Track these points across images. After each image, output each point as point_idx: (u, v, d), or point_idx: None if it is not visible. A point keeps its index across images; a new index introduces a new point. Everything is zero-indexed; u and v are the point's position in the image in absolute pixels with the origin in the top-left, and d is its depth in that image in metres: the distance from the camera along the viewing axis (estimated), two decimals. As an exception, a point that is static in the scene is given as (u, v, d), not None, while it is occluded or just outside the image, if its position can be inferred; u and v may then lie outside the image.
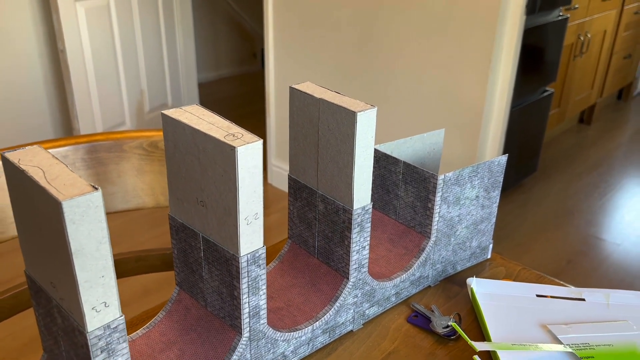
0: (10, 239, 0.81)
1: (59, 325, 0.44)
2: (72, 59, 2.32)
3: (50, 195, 0.37)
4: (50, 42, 2.51)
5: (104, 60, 2.49)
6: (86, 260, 0.38)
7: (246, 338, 0.53)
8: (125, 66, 2.60)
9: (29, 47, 2.45)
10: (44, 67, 2.53)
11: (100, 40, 2.44)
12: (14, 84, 2.44)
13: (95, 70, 2.45)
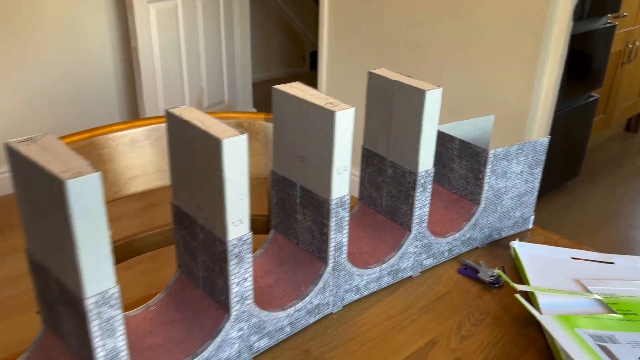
0: (122, 197, 0.97)
1: (199, 241, 0.59)
2: (143, 57, 2.53)
3: (211, 136, 0.51)
4: (123, 41, 2.73)
5: (170, 59, 2.70)
6: (232, 186, 0.52)
7: (330, 268, 0.67)
8: (188, 64, 2.80)
9: (102, 45, 2.68)
10: (115, 63, 2.75)
11: (167, 39, 2.65)
12: (87, 78, 2.67)
13: (162, 67, 2.65)
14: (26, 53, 2.41)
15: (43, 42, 2.45)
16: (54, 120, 2.59)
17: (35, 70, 2.46)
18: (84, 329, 0.48)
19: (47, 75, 2.51)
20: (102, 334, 0.48)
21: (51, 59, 2.50)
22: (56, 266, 0.48)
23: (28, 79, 2.45)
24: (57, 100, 2.58)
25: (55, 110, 2.59)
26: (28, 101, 2.48)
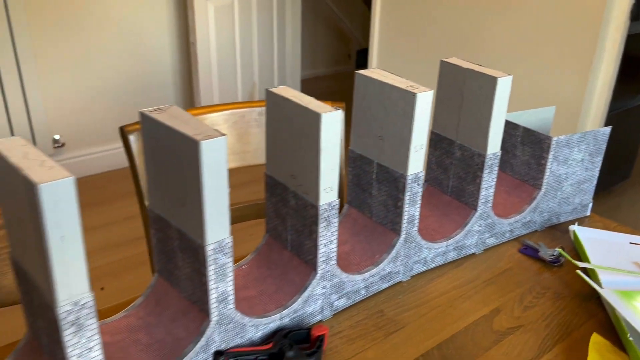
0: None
1: (290, 207, 0.66)
2: (200, 51, 2.64)
3: (311, 111, 0.58)
4: (181, 37, 2.86)
5: (225, 54, 2.81)
6: (326, 156, 0.59)
7: (403, 239, 0.73)
8: (242, 59, 2.91)
9: (162, 41, 2.81)
10: (173, 58, 2.88)
11: (224, 35, 2.75)
12: (146, 72, 2.81)
13: (218, 62, 2.76)
14: (92, 48, 2.56)
15: (107, 38, 2.59)
16: (116, 111, 2.73)
17: (99, 64, 2.61)
18: (200, 273, 0.55)
19: (110, 68, 2.66)
20: (216, 278, 0.55)
21: (114, 54, 2.64)
22: (178, 218, 0.56)
23: (93, 72, 2.60)
24: (119, 92, 2.72)
25: (117, 101, 2.73)
26: (92, 93, 2.63)
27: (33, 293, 0.48)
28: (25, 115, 2.42)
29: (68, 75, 2.53)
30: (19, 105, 2.37)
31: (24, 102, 2.40)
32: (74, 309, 0.45)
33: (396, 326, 0.68)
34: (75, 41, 2.50)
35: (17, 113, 2.38)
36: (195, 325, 0.58)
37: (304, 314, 0.66)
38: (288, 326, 0.64)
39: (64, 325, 0.45)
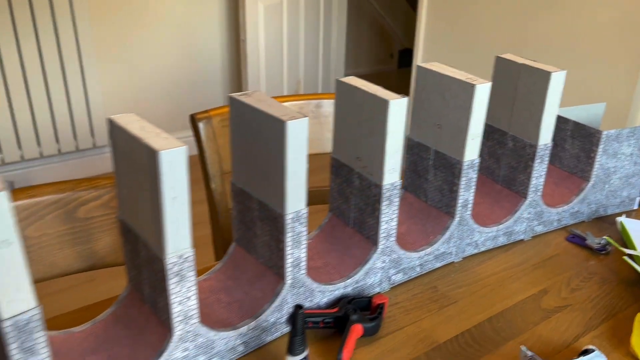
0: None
1: (354, 187, 0.72)
2: (250, 48, 2.74)
3: (379, 98, 0.64)
4: (231, 34, 2.96)
5: (273, 51, 2.89)
6: (392, 139, 0.65)
7: (457, 222, 0.78)
8: (288, 57, 2.99)
9: (212, 38, 2.91)
10: (222, 54, 2.99)
11: (272, 33, 2.84)
12: (197, 67, 2.92)
13: (265, 58, 2.85)
14: (148, 44, 2.68)
15: (163, 35, 2.72)
16: (168, 103, 2.86)
17: (154, 59, 2.73)
18: (278, 240, 0.62)
19: (164, 63, 2.78)
20: (292, 244, 0.62)
21: (169, 50, 2.76)
22: (260, 191, 0.63)
23: (148, 66, 2.73)
24: (171, 86, 2.85)
25: (169, 94, 2.85)
26: (147, 86, 2.76)
27: (140, 248, 0.56)
28: (84, 106, 2.56)
29: (125, 68, 2.67)
30: (79, 95, 2.52)
31: (84, 93, 2.54)
32: (178, 261, 0.53)
33: (449, 301, 0.73)
34: (132, 37, 2.63)
35: (78, 103, 2.52)
36: (271, 287, 0.65)
37: (365, 285, 0.72)
38: (351, 294, 0.70)
39: (170, 275, 0.52)
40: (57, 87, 2.44)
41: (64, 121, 2.54)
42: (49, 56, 2.35)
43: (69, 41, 2.39)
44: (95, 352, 0.57)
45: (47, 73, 2.38)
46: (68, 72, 2.44)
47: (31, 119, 2.43)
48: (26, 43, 2.28)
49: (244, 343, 0.63)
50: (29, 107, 2.40)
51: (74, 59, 2.43)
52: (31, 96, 2.38)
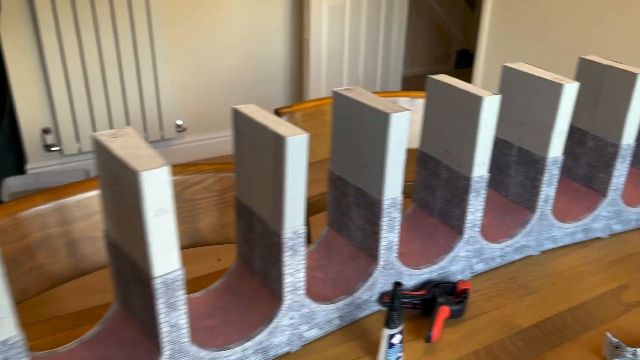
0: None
1: (441, 179, 0.76)
2: (313, 47, 2.81)
3: (475, 95, 0.68)
4: (294, 34, 3.04)
5: (334, 50, 2.95)
6: (484, 134, 0.69)
7: (537, 216, 0.81)
8: (349, 56, 3.04)
9: (276, 37, 3.00)
10: (285, 54, 3.07)
11: (334, 33, 2.90)
12: (261, 65, 3.02)
13: (327, 57, 2.92)
14: (216, 42, 2.80)
15: (230, 33, 2.83)
16: (232, 101, 2.97)
17: (221, 57, 2.85)
18: (374, 224, 0.67)
19: (230, 61, 2.89)
20: (387, 228, 0.67)
21: (234, 48, 2.87)
22: (358, 178, 0.68)
23: (215, 64, 2.85)
24: (235, 84, 2.95)
25: (234, 91, 2.96)
26: (213, 83, 2.88)
27: (255, 224, 0.63)
28: (155, 101, 2.70)
29: (194, 67, 2.79)
30: (151, 91, 2.66)
31: (155, 89, 2.67)
32: (293, 237, 0.59)
33: (529, 290, 0.76)
34: (202, 37, 2.75)
35: (149, 98, 2.66)
36: (364, 268, 0.70)
37: (449, 271, 0.76)
38: (436, 280, 0.75)
39: (285, 249, 0.59)
40: (131, 82, 2.59)
41: (136, 114, 2.68)
42: (125, 54, 2.49)
43: (144, 40, 2.52)
44: (211, 316, 0.64)
45: (123, 70, 2.52)
46: (142, 69, 2.58)
47: (107, 111, 2.58)
48: (106, 41, 2.43)
49: (340, 317, 0.68)
50: (105, 101, 2.56)
51: (148, 57, 2.57)
52: (108, 90, 2.54)
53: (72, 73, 2.42)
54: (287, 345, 0.64)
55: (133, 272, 0.55)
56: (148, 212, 0.48)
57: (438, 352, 0.65)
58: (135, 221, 0.50)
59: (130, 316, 0.59)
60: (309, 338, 0.66)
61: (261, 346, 0.62)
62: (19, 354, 0.46)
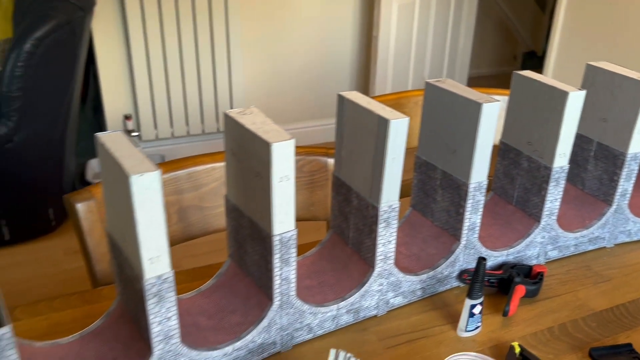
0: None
1: (522, 168, 0.81)
2: (381, 45, 2.86)
3: (560, 90, 0.73)
4: (362, 31, 3.11)
5: (401, 49, 2.99)
6: (567, 126, 0.74)
7: (613, 209, 0.84)
8: (415, 55, 3.07)
9: (344, 35, 3.08)
10: (353, 50, 3.14)
11: (403, 31, 2.94)
12: (328, 62, 3.10)
13: (394, 55, 2.97)
14: (287, 39, 2.91)
15: (300, 31, 2.93)
16: (300, 95, 3.07)
17: (291, 54, 2.95)
18: (459, 206, 0.73)
19: (299, 58, 2.99)
20: (471, 210, 0.73)
21: (304, 45, 2.97)
22: (445, 163, 0.74)
23: (285, 60, 2.95)
24: (303, 79, 3.05)
25: (302, 86, 3.07)
26: (282, 78, 2.99)
27: (352, 199, 0.70)
28: (227, 93, 2.84)
29: (265, 61, 2.91)
30: (224, 83, 2.79)
31: (229, 82, 2.81)
32: (388, 210, 0.66)
33: (602, 278, 0.80)
34: (274, 33, 2.86)
35: (222, 90, 2.80)
36: (446, 246, 0.76)
37: (524, 256, 0.81)
38: (512, 262, 0.80)
39: (380, 221, 0.66)
40: (207, 76, 2.73)
41: (210, 105, 2.83)
42: (203, 48, 2.64)
43: (220, 36, 2.66)
44: (310, 278, 0.72)
45: (200, 63, 2.67)
46: (217, 63, 2.72)
47: (183, 101, 2.74)
48: (185, 36, 2.58)
49: (422, 288, 0.75)
50: (182, 91, 2.71)
51: (223, 52, 2.70)
52: (185, 82, 2.69)
53: (154, 65, 2.58)
54: (375, 309, 0.72)
55: (251, 231, 0.63)
56: (274, 179, 0.56)
57: (514, 326, 0.71)
58: (260, 187, 0.58)
59: (243, 271, 0.68)
60: (394, 305, 0.73)
61: (353, 307, 0.70)
62: (169, 287, 0.55)
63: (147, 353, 0.56)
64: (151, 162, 0.49)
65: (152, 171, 0.49)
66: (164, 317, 0.55)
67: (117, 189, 0.51)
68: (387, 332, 0.70)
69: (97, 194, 0.80)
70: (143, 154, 0.51)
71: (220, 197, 0.92)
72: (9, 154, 1.95)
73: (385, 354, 0.66)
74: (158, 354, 0.56)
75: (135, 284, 0.55)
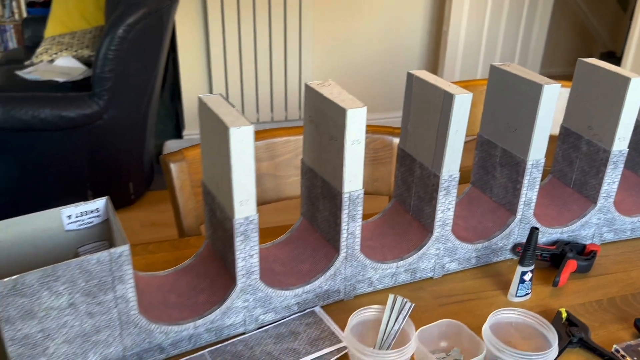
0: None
1: (581, 152, 0.85)
2: (450, 39, 2.88)
3: (623, 77, 0.76)
4: (432, 26, 3.12)
5: (471, 44, 2.99)
6: (627, 112, 0.77)
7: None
8: (485, 50, 3.06)
9: (414, 28, 3.11)
10: (422, 45, 3.17)
11: (473, 26, 2.94)
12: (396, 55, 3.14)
13: (463, 50, 2.97)
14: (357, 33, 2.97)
15: (370, 24, 2.99)
16: (366, 86, 3.13)
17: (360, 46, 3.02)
18: (517, 182, 0.78)
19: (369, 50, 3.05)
20: (528, 186, 0.78)
21: (374, 38, 3.03)
22: (504, 141, 0.79)
23: (354, 53, 3.03)
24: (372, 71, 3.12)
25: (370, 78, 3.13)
26: (351, 70, 3.06)
27: (415, 169, 0.77)
28: (297, 84, 2.94)
29: (335, 54, 2.99)
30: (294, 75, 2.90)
31: (299, 73, 2.92)
32: (448, 179, 0.72)
33: (657, 263, 0.82)
34: (344, 26, 2.94)
35: (292, 81, 2.91)
36: (502, 220, 0.81)
37: (579, 235, 0.85)
38: (565, 240, 0.84)
39: (440, 189, 0.72)
40: (279, 66, 2.85)
41: (280, 94, 2.95)
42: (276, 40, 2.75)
43: (293, 29, 2.77)
44: (372, 240, 0.80)
45: (272, 55, 2.79)
46: (289, 55, 2.83)
47: (254, 89, 2.87)
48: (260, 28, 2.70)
49: (477, 257, 0.80)
50: (254, 80, 2.84)
51: (295, 44, 2.81)
52: (257, 71, 2.82)
53: (230, 54, 2.73)
54: (431, 271, 0.78)
55: (323, 190, 0.71)
56: (347, 141, 0.64)
57: (563, 297, 0.75)
58: (335, 149, 0.66)
59: (314, 227, 0.76)
60: (450, 270, 0.79)
61: (410, 267, 0.76)
62: (254, 228, 0.63)
63: (231, 285, 0.65)
64: (246, 119, 0.58)
65: (247, 125, 0.57)
66: (247, 254, 0.64)
67: (216, 141, 0.61)
68: (441, 292, 0.76)
69: (188, 156, 0.91)
70: (239, 112, 0.60)
71: (293, 167, 1.01)
72: (98, 130, 2.14)
73: (438, 310, 0.72)
74: (241, 286, 0.65)
75: (225, 224, 0.64)
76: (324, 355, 0.64)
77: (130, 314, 0.59)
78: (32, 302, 0.53)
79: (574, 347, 0.66)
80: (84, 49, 2.91)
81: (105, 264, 0.55)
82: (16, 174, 2.12)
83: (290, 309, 0.70)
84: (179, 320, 0.63)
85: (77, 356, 0.58)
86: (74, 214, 0.63)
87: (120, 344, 0.60)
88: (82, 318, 0.56)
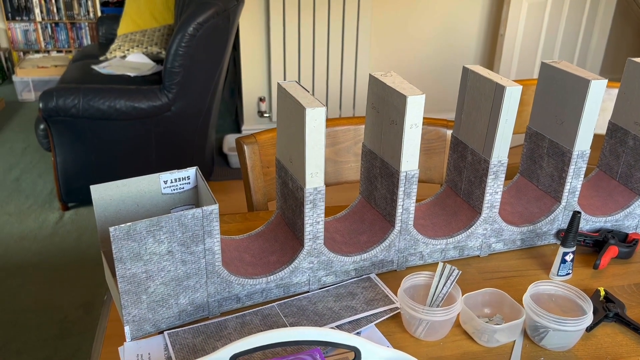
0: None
1: (627, 146, 0.89)
2: (507, 43, 2.89)
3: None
4: (489, 28, 3.14)
5: (527, 48, 2.99)
6: None
7: None
8: (541, 56, 3.05)
9: (471, 30, 3.13)
10: (477, 47, 3.19)
11: (530, 30, 2.94)
12: (452, 56, 3.18)
13: (519, 54, 2.97)
14: (414, 34, 3.03)
15: (428, 25, 3.04)
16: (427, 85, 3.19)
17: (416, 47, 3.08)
18: (562, 171, 0.84)
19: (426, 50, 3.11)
20: (573, 175, 0.83)
21: (431, 40, 3.08)
22: (552, 133, 0.85)
23: (411, 52, 3.09)
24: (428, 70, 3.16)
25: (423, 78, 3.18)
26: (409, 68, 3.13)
27: (467, 155, 0.84)
28: (352, 82, 3.03)
29: (390, 53, 3.06)
30: (350, 73, 2.99)
31: (355, 71, 3.00)
32: (497, 164, 0.79)
33: (699, 254, 0.86)
34: (401, 26, 3.00)
35: (347, 80, 3.00)
36: (547, 207, 0.87)
37: (622, 225, 0.89)
38: (609, 228, 0.89)
39: (490, 173, 0.79)
40: (335, 66, 2.94)
41: (335, 92, 3.04)
42: (333, 40, 2.85)
43: (351, 28, 2.86)
44: (424, 219, 0.87)
45: (330, 54, 2.89)
46: (345, 54, 2.92)
47: (311, 88, 2.97)
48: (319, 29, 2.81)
49: (522, 239, 0.87)
50: (311, 78, 2.95)
51: (352, 44, 2.90)
52: (315, 70, 2.93)
53: (289, 53, 2.85)
54: (478, 250, 0.85)
55: (381, 170, 0.80)
56: (406, 125, 0.72)
57: (603, 279, 0.80)
58: (394, 132, 0.75)
59: (371, 204, 0.85)
60: (495, 249, 0.86)
61: (459, 245, 0.83)
62: (321, 198, 0.72)
63: (299, 248, 0.75)
64: (320, 101, 0.68)
65: (321, 107, 0.67)
66: (314, 220, 0.73)
67: (292, 120, 0.70)
68: (486, 268, 0.83)
69: (260, 139, 1.01)
70: (313, 97, 0.69)
71: (352, 154, 1.10)
72: (166, 121, 2.31)
73: (483, 283, 0.79)
74: (307, 249, 0.74)
75: (297, 193, 0.74)
76: (379, 312, 0.72)
77: (215, 264, 0.69)
78: (139, 246, 0.64)
79: (610, 321, 0.72)
80: (153, 46, 3.11)
81: (198, 219, 0.66)
82: (92, 158, 2.31)
83: (349, 274, 0.79)
84: (253, 275, 0.73)
85: (170, 297, 0.68)
86: (170, 179, 0.74)
87: (205, 291, 0.70)
88: (177, 264, 0.67)
